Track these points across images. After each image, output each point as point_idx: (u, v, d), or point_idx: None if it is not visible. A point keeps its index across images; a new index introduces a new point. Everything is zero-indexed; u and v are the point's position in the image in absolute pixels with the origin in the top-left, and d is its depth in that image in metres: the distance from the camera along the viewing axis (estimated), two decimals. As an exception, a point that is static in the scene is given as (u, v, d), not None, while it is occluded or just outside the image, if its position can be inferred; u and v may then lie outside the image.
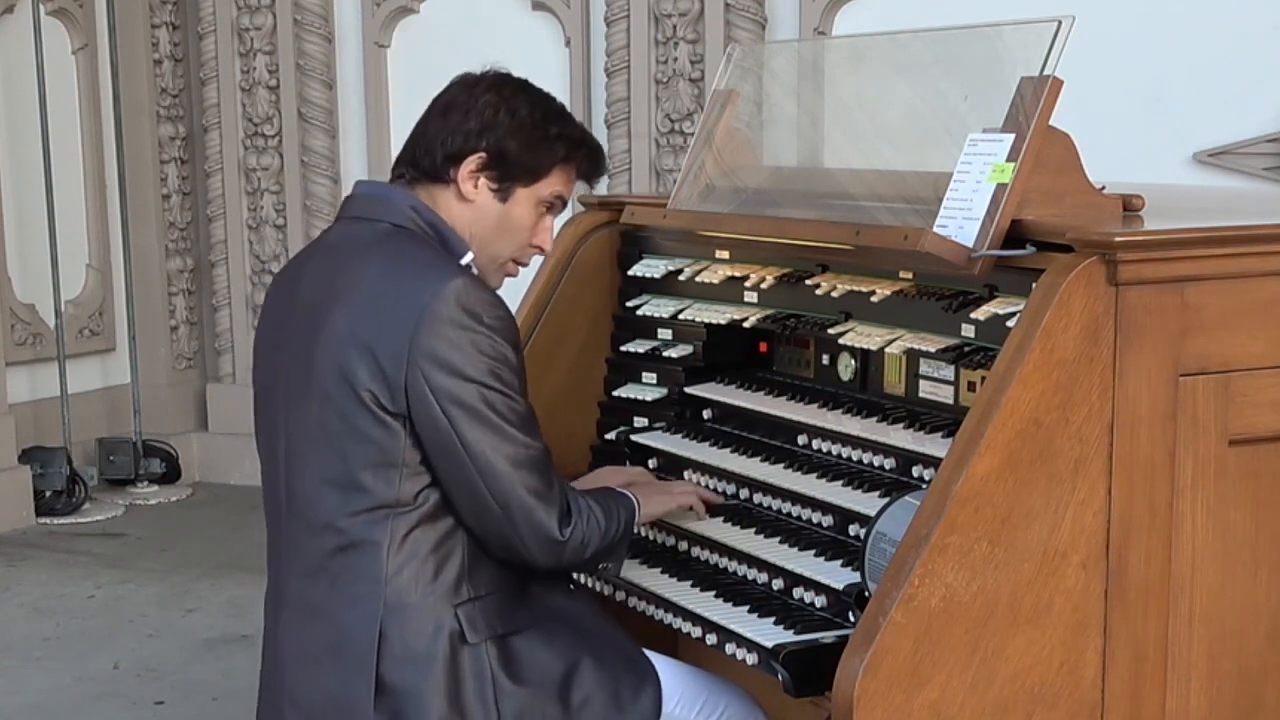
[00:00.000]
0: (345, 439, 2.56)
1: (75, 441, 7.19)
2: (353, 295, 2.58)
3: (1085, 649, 2.40)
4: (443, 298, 2.51)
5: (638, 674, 2.73)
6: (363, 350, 2.53)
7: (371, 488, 2.56)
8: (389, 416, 2.54)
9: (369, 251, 2.62)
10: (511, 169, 2.68)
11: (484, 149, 2.66)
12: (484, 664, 2.60)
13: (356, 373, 2.53)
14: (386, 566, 2.57)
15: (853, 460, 2.87)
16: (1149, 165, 5.38)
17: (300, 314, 2.65)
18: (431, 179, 2.69)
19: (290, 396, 2.64)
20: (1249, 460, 2.49)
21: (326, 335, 2.57)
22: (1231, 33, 5.75)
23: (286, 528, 2.68)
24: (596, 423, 3.43)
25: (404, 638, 2.57)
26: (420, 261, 2.60)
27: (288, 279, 2.75)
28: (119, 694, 4.92)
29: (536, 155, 2.70)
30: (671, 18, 6.61)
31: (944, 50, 2.91)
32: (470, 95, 2.69)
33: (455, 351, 2.51)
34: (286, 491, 2.67)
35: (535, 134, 2.69)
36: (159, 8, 7.57)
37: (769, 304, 3.07)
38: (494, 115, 2.67)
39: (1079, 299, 2.33)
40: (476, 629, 2.60)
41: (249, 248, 7.53)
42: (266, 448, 2.73)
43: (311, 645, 2.64)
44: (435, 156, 2.68)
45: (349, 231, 2.70)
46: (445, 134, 2.67)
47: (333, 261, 2.66)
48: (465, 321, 2.52)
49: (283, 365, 2.66)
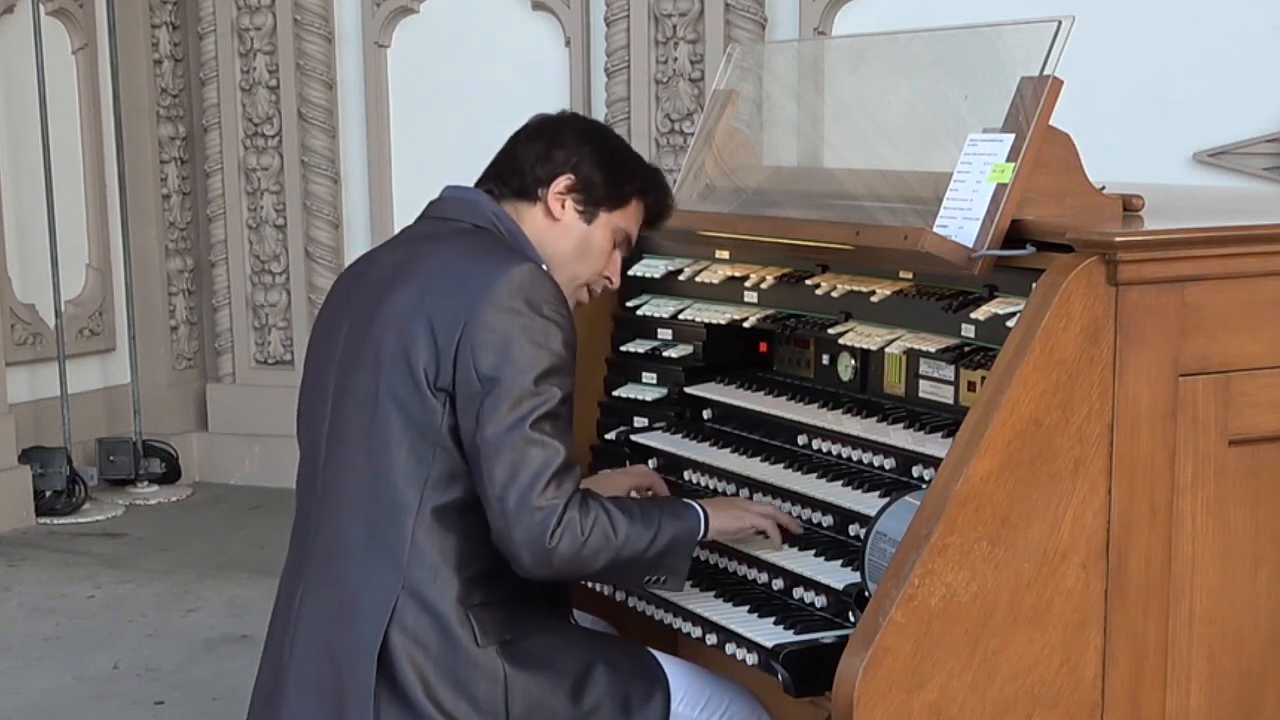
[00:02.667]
0: (389, 407, 2.59)
1: (75, 441, 7.19)
2: (421, 273, 2.64)
3: (1085, 649, 2.40)
4: (508, 278, 2.56)
5: (649, 681, 2.72)
6: (423, 324, 2.58)
7: (406, 462, 2.58)
8: (433, 391, 2.56)
9: (443, 241, 2.71)
10: (598, 193, 2.78)
11: (573, 172, 2.76)
12: (496, 665, 2.59)
13: (415, 342, 2.57)
14: (410, 547, 2.58)
15: (853, 460, 2.87)
16: (1149, 165, 5.38)
17: (366, 292, 2.70)
18: (520, 196, 2.78)
19: (343, 366, 2.68)
20: (1249, 460, 2.49)
21: (389, 308, 2.63)
22: (1231, 33, 5.76)
23: (318, 506, 2.70)
24: (596, 423, 3.43)
25: (417, 625, 2.57)
26: (492, 249, 2.68)
27: (359, 266, 2.83)
28: (119, 694, 4.92)
29: (619, 184, 2.81)
30: (671, 18, 6.61)
31: (944, 50, 2.91)
32: (558, 126, 2.83)
33: (506, 332, 2.54)
34: (325, 465, 2.70)
35: (618, 165, 2.82)
36: (159, 8, 7.57)
37: (769, 304, 3.07)
38: (580, 145, 2.79)
39: (1079, 299, 2.33)
40: (487, 633, 2.60)
41: (249, 248, 7.53)
42: (310, 425, 2.76)
43: (325, 615, 2.65)
44: (525, 176, 2.77)
45: (429, 227, 2.79)
46: (534, 157, 2.78)
47: (408, 248, 2.74)
48: (522, 307, 2.55)
49: (339, 338, 2.71)
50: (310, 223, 7.38)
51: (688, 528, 2.69)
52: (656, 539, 2.63)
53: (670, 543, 2.65)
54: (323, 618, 2.66)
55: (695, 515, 2.71)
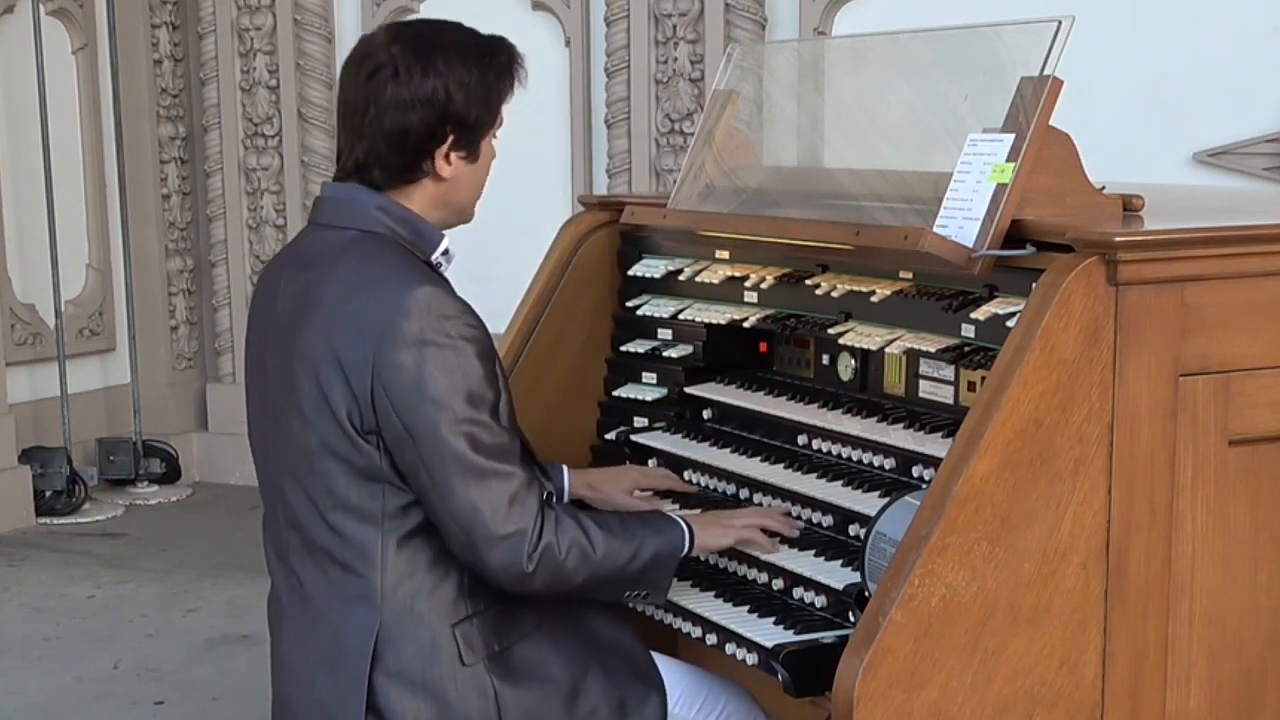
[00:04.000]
0: (327, 459, 2.53)
1: (75, 441, 7.19)
2: (321, 309, 2.53)
3: (1085, 649, 2.40)
4: (404, 311, 2.45)
5: (644, 684, 2.71)
6: (334, 367, 2.49)
7: (358, 504, 2.53)
8: (364, 436, 2.50)
9: (335, 261, 2.57)
10: (476, 132, 2.62)
11: (450, 133, 2.59)
12: (485, 683, 2.57)
13: (332, 389, 2.49)
14: (382, 583, 2.54)
15: (853, 460, 2.87)
16: (1149, 165, 5.38)
17: (277, 330, 2.61)
18: (405, 181, 2.62)
19: (275, 413, 2.61)
20: (1249, 460, 2.49)
21: (301, 352, 2.53)
22: (1231, 33, 5.75)
23: (286, 535, 2.66)
24: (596, 423, 3.43)
25: (400, 657, 2.54)
26: (385, 270, 2.53)
27: (266, 289, 2.70)
28: (119, 694, 4.92)
29: (493, 107, 2.64)
30: (671, 18, 6.61)
31: (944, 50, 2.91)
32: (404, 86, 2.55)
33: (417, 369, 2.44)
34: (284, 518, 2.64)
35: (484, 88, 2.61)
36: (159, 8, 7.57)
37: (769, 304, 3.07)
38: (445, 99, 2.56)
39: (1079, 299, 2.33)
40: (474, 649, 2.57)
41: (249, 248, 7.53)
42: (261, 458, 2.70)
43: (308, 656, 2.62)
44: (403, 156, 2.58)
45: (318, 239, 2.64)
46: (397, 134, 2.57)
47: (304, 273, 2.61)
48: (427, 336, 2.45)
49: (267, 381, 2.63)
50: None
51: (670, 545, 2.66)
52: (637, 555, 2.60)
53: (652, 559, 2.62)
54: (308, 666, 2.62)
55: (680, 532, 2.68)
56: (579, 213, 3.48)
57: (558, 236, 3.44)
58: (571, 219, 3.46)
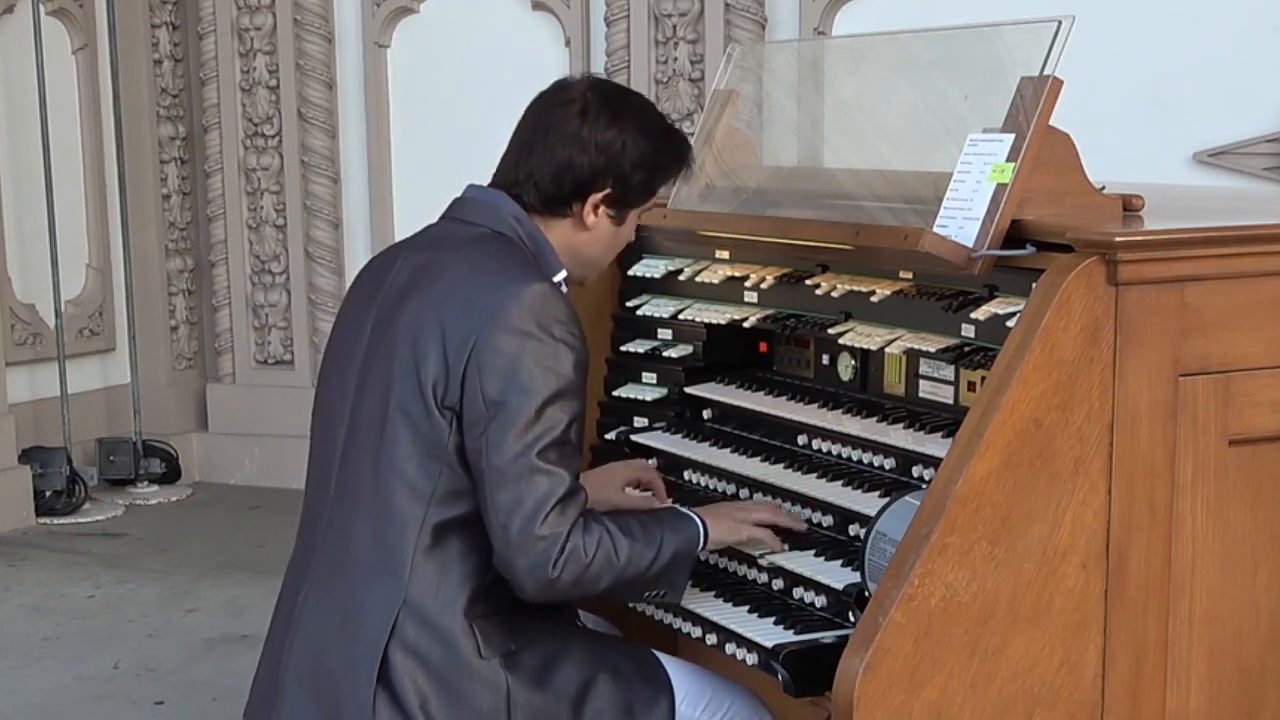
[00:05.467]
0: (398, 424, 2.57)
1: (75, 441, 7.19)
2: (436, 285, 2.61)
3: (1085, 649, 2.40)
4: (518, 300, 2.53)
5: (653, 686, 2.72)
6: (435, 338, 2.55)
7: (413, 478, 2.57)
8: (441, 409, 2.54)
9: (463, 248, 2.67)
10: (633, 197, 2.74)
11: (609, 186, 2.69)
12: (500, 679, 2.58)
13: (426, 358, 2.55)
14: (413, 563, 2.56)
15: (853, 460, 2.87)
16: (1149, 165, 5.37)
17: (385, 299, 2.68)
18: (548, 211, 2.71)
19: (363, 374, 2.66)
20: (1249, 460, 2.49)
21: (406, 316, 2.60)
22: (1231, 33, 5.75)
23: (331, 507, 2.68)
24: (596, 423, 3.43)
25: (418, 638, 2.56)
26: (508, 263, 2.62)
27: (379, 266, 2.78)
28: (119, 694, 4.92)
29: (654, 183, 2.76)
30: (671, 18, 6.61)
31: (944, 50, 2.91)
32: (592, 129, 2.67)
33: (514, 355, 2.50)
34: (338, 474, 2.68)
35: (654, 164, 2.73)
36: (159, 8, 7.56)
37: (769, 304, 3.07)
38: (620, 151, 2.68)
39: (1079, 299, 2.33)
40: (491, 645, 2.58)
41: (249, 248, 7.53)
42: (326, 425, 2.74)
43: (328, 623, 2.64)
44: (555, 191, 2.68)
45: (449, 230, 2.74)
46: (567, 168, 2.67)
47: (426, 254, 2.70)
48: (533, 329, 2.52)
49: (359, 347, 2.69)
50: (310, 223, 7.38)
51: (688, 541, 2.67)
52: (659, 556, 2.61)
53: (673, 557, 2.64)
54: (324, 626, 2.64)
55: (695, 528, 2.69)
56: (579, 213, 3.48)
57: (558, 236, 3.43)
58: (571, 219, 3.46)
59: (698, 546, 2.69)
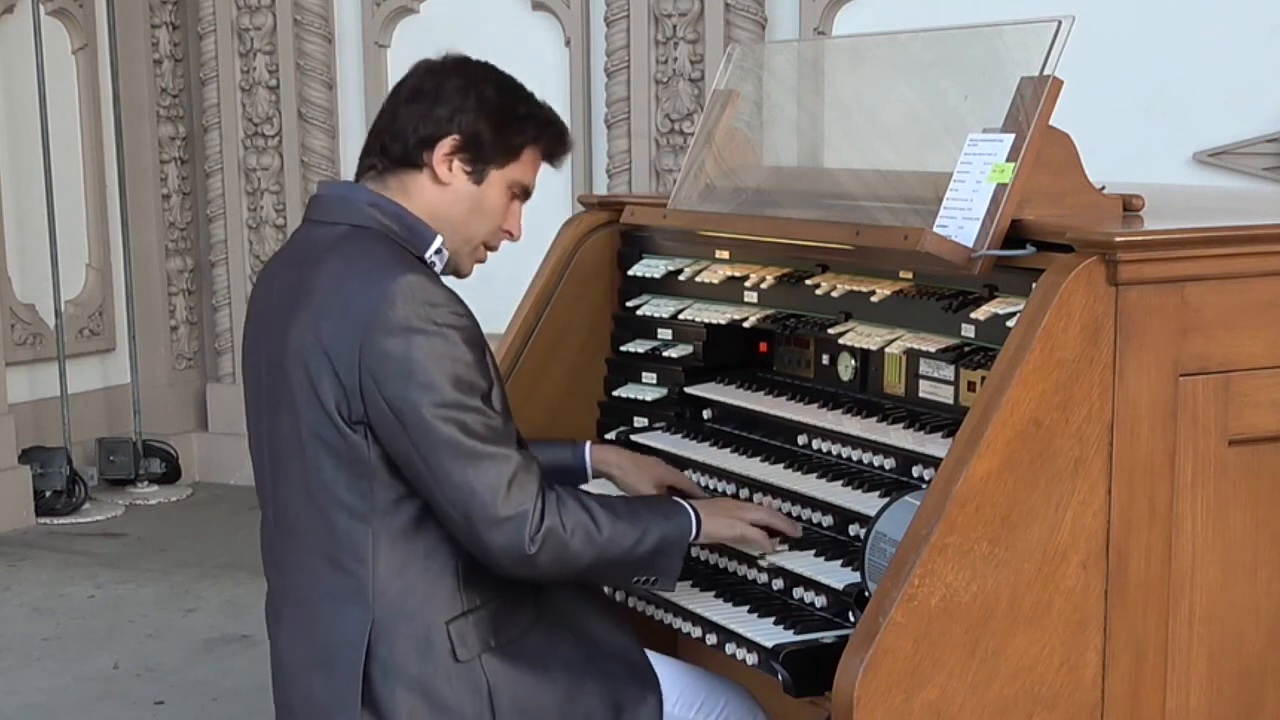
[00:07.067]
0: (317, 450, 2.53)
1: (75, 441, 7.19)
2: (310, 302, 2.54)
3: (1085, 649, 2.40)
4: (389, 299, 2.46)
5: (640, 685, 2.71)
6: (322, 358, 2.50)
7: (347, 499, 2.53)
8: (351, 425, 2.50)
9: (325, 255, 2.59)
10: (485, 150, 2.65)
11: (457, 132, 2.63)
12: (479, 679, 2.57)
13: (321, 381, 2.50)
14: (374, 580, 2.54)
15: (853, 460, 2.87)
16: (1149, 165, 5.38)
17: (270, 324, 2.62)
18: (404, 165, 2.64)
19: (268, 408, 2.62)
20: (1249, 460, 2.49)
21: (292, 344, 2.54)
22: (1231, 33, 5.75)
23: (278, 539, 2.67)
24: (596, 423, 3.43)
25: (394, 654, 2.54)
26: (372, 260, 2.55)
27: (262, 287, 2.73)
28: (119, 694, 4.92)
29: (508, 135, 2.67)
30: (671, 18, 6.61)
31: (944, 50, 2.91)
32: (437, 81, 2.65)
33: (404, 356, 2.45)
34: (274, 513, 2.66)
35: (506, 114, 2.67)
36: (159, 8, 7.57)
37: (769, 304, 3.07)
38: (464, 99, 2.63)
39: (1079, 299, 2.33)
40: (467, 645, 2.57)
41: (249, 248, 7.53)
42: (256, 459, 2.71)
43: (303, 656, 2.63)
44: (407, 142, 2.63)
45: (310, 235, 2.67)
46: (415, 120, 2.63)
47: (295, 268, 2.63)
48: (413, 323, 2.46)
49: (261, 377, 2.64)
50: (310, 223, 7.37)
51: (678, 529, 2.66)
52: (644, 539, 2.60)
53: (659, 543, 2.62)
54: (303, 662, 2.63)
55: (687, 517, 2.68)
56: (579, 213, 3.48)
57: (558, 236, 3.44)
58: (571, 219, 3.47)
59: (689, 536, 2.67)
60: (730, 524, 2.74)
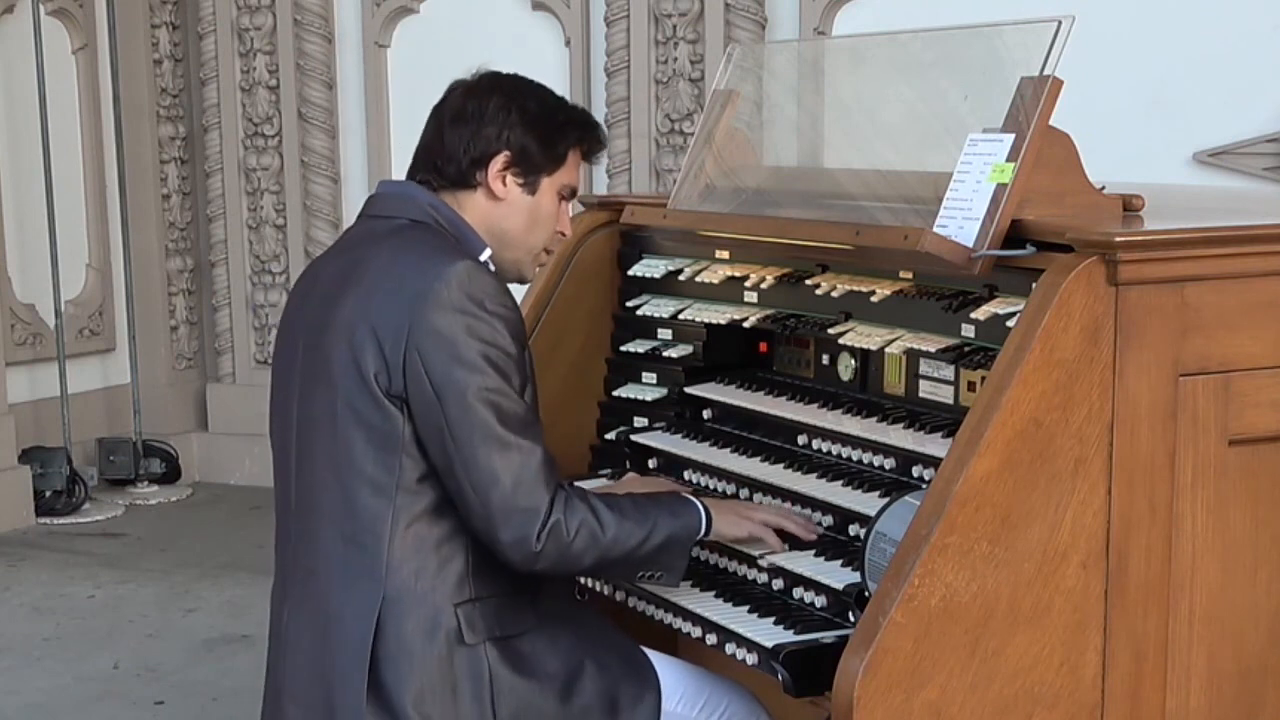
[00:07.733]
0: (349, 423, 2.58)
1: (75, 441, 7.19)
2: (362, 280, 2.61)
3: (1085, 649, 2.40)
4: (445, 280, 2.53)
5: (639, 681, 2.72)
6: (369, 331, 2.56)
7: (373, 473, 2.57)
8: (389, 399, 2.55)
9: (383, 241, 2.68)
10: (535, 161, 2.75)
11: (507, 148, 2.72)
12: (482, 664, 2.59)
13: (364, 353, 2.56)
14: (388, 558, 2.57)
15: (853, 460, 2.87)
16: (1149, 165, 5.38)
17: (315, 303, 2.69)
18: (458, 185, 2.74)
19: (303, 382, 2.67)
20: (1249, 460, 2.49)
21: (337, 319, 2.61)
22: (1231, 33, 5.75)
23: (294, 520, 2.70)
24: (596, 423, 3.43)
25: (401, 633, 2.57)
26: (430, 246, 2.64)
27: (310, 274, 2.80)
28: (119, 694, 4.92)
29: (554, 144, 2.77)
30: (671, 18, 6.61)
31: (944, 50, 2.91)
32: (478, 101, 2.74)
33: (452, 334, 2.52)
34: (296, 481, 2.69)
35: (549, 124, 2.76)
36: (159, 8, 7.57)
37: (769, 304, 3.07)
38: (508, 116, 2.73)
39: (1079, 299, 2.33)
40: (475, 630, 2.59)
41: (249, 248, 7.53)
42: (279, 440, 2.75)
43: (311, 635, 2.65)
44: (460, 163, 2.73)
45: (367, 227, 2.76)
46: (465, 141, 2.72)
47: (349, 255, 2.71)
48: (465, 305, 2.53)
49: (297, 353, 2.69)
50: (310, 223, 7.38)
51: (686, 527, 2.68)
52: (650, 537, 2.63)
53: (666, 541, 2.65)
54: (309, 638, 2.65)
55: (696, 515, 2.70)
56: (579, 213, 3.48)
57: (558, 236, 3.43)
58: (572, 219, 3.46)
59: (697, 533, 2.70)
60: (739, 522, 2.77)
